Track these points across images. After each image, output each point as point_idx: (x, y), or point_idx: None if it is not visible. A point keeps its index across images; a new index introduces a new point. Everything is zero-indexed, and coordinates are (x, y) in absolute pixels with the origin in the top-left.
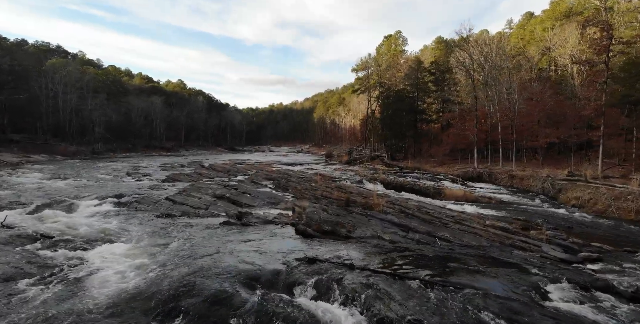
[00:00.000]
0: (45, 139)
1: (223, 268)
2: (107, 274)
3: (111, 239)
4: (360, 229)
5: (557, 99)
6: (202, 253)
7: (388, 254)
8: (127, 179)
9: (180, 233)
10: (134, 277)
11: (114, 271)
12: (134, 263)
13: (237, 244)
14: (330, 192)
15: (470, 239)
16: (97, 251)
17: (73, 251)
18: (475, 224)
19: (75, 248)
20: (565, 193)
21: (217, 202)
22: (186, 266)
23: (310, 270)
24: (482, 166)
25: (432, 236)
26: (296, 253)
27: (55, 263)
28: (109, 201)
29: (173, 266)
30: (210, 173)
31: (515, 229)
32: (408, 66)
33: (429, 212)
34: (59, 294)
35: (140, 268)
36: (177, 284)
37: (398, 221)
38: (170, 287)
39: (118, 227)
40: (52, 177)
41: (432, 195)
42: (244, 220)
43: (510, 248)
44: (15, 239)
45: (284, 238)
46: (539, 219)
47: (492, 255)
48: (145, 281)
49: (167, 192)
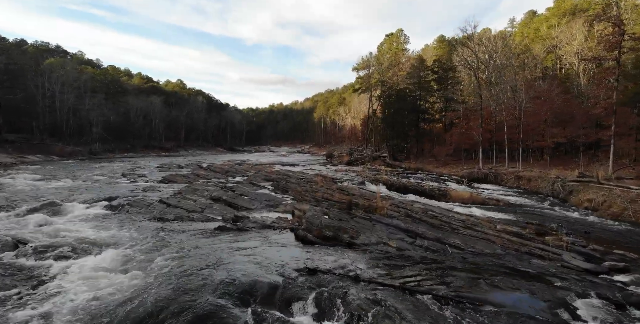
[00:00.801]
0: (41, 139)
1: (215, 281)
2: (79, 293)
3: (95, 248)
4: (364, 234)
5: (565, 98)
6: (193, 264)
7: (395, 263)
8: (122, 181)
9: (171, 240)
10: (112, 294)
11: (90, 288)
12: (115, 277)
13: (232, 253)
14: (332, 194)
15: (483, 246)
16: (76, 262)
17: (50, 261)
18: (487, 230)
19: (53, 258)
20: (577, 195)
21: (212, 205)
22: (174, 280)
23: (311, 283)
24: (487, 167)
25: (442, 243)
26: (295, 262)
27: (25, 276)
28: (99, 204)
29: (160, 279)
30: (207, 174)
31: (530, 234)
32: (410, 65)
33: (436, 216)
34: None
35: (122, 283)
36: (163, 302)
37: (405, 226)
38: (154, 306)
39: (105, 234)
40: (44, 179)
41: (437, 197)
42: (240, 225)
43: (527, 256)
44: None
45: (282, 245)
46: (553, 224)
47: (509, 264)
48: (125, 299)
49: (161, 195)
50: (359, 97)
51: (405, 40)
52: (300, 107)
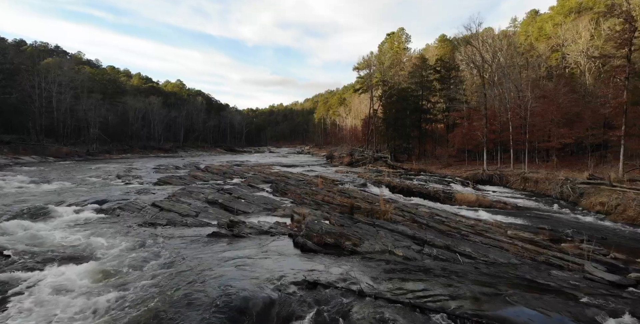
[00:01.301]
0: (37, 139)
1: (205, 298)
2: (51, 313)
3: (77, 257)
4: (367, 242)
5: (572, 97)
6: (182, 277)
7: (403, 275)
8: (117, 182)
9: (160, 249)
10: (88, 316)
11: (66, 308)
12: (94, 292)
13: (225, 264)
14: (333, 197)
15: (497, 255)
16: (54, 274)
17: (26, 272)
18: (499, 236)
19: (30, 269)
20: (588, 198)
21: (208, 209)
22: (158, 298)
23: (310, 298)
24: (491, 168)
25: (452, 251)
26: (294, 274)
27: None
28: (89, 208)
29: (144, 296)
30: (205, 176)
31: (544, 241)
32: (412, 64)
33: (443, 221)
34: None
35: (101, 299)
36: (145, 319)
37: (411, 233)
38: None
39: (91, 241)
40: (36, 181)
41: (442, 200)
42: (235, 231)
43: (545, 266)
44: None
45: (280, 254)
46: (567, 229)
47: (527, 276)
48: (104, 316)
49: (155, 197)
50: (359, 98)
51: (407, 39)
52: (301, 107)
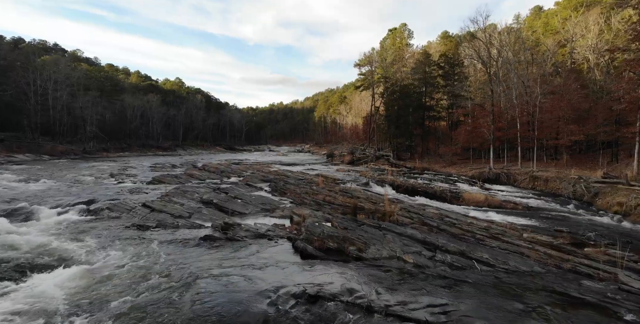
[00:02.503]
0: (33, 137)
1: (191, 312)
2: None
3: (55, 264)
4: (374, 246)
5: (583, 93)
6: (167, 286)
7: (415, 286)
8: (109, 181)
9: (146, 255)
10: None
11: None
12: (66, 302)
13: (216, 272)
14: (334, 197)
15: (518, 262)
16: (27, 285)
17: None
18: (518, 241)
19: (2, 277)
20: (604, 198)
21: (202, 210)
22: (139, 310)
23: (312, 315)
24: (497, 166)
25: (467, 258)
26: (293, 284)
27: None
28: (75, 209)
29: (118, 308)
30: (201, 174)
31: (565, 245)
32: (415, 60)
33: (455, 223)
34: None
35: (72, 311)
36: None
37: (421, 237)
38: None
39: (72, 245)
40: (25, 179)
41: (449, 199)
42: (230, 234)
43: (573, 275)
44: None
45: (278, 260)
46: (589, 232)
47: (557, 288)
48: None
49: (147, 197)
50: (360, 95)
51: (409, 35)
52: (301, 106)
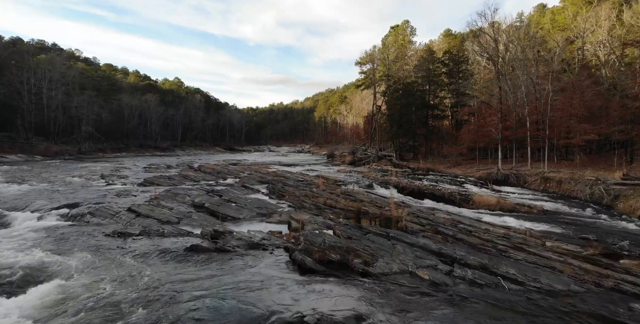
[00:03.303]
0: (26, 137)
1: None
2: None
3: (21, 281)
4: (382, 259)
5: (596, 90)
6: (141, 312)
7: (434, 310)
8: (98, 183)
9: (124, 268)
10: None
11: None
12: None
13: (200, 293)
14: (336, 200)
15: (550, 279)
16: None
17: None
18: (547, 253)
19: None
20: (626, 201)
21: (192, 215)
22: None
23: None
24: (506, 167)
25: (491, 274)
26: (289, 308)
27: None
28: (56, 213)
29: None
30: (196, 175)
31: (596, 256)
32: (418, 57)
33: (471, 231)
34: None
35: None
36: None
37: (436, 248)
38: None
39: (43, 259)
40: (9, 181)
41: (458, 203)
42: (220, 243)
43: (618, 296)
44: None
45: (272, 277)
46: (621, 241)
47: (603, 312)
48: None
49: (135, 200)
50: (361, 95)
51: (412, 32)
52: (301, 106)
